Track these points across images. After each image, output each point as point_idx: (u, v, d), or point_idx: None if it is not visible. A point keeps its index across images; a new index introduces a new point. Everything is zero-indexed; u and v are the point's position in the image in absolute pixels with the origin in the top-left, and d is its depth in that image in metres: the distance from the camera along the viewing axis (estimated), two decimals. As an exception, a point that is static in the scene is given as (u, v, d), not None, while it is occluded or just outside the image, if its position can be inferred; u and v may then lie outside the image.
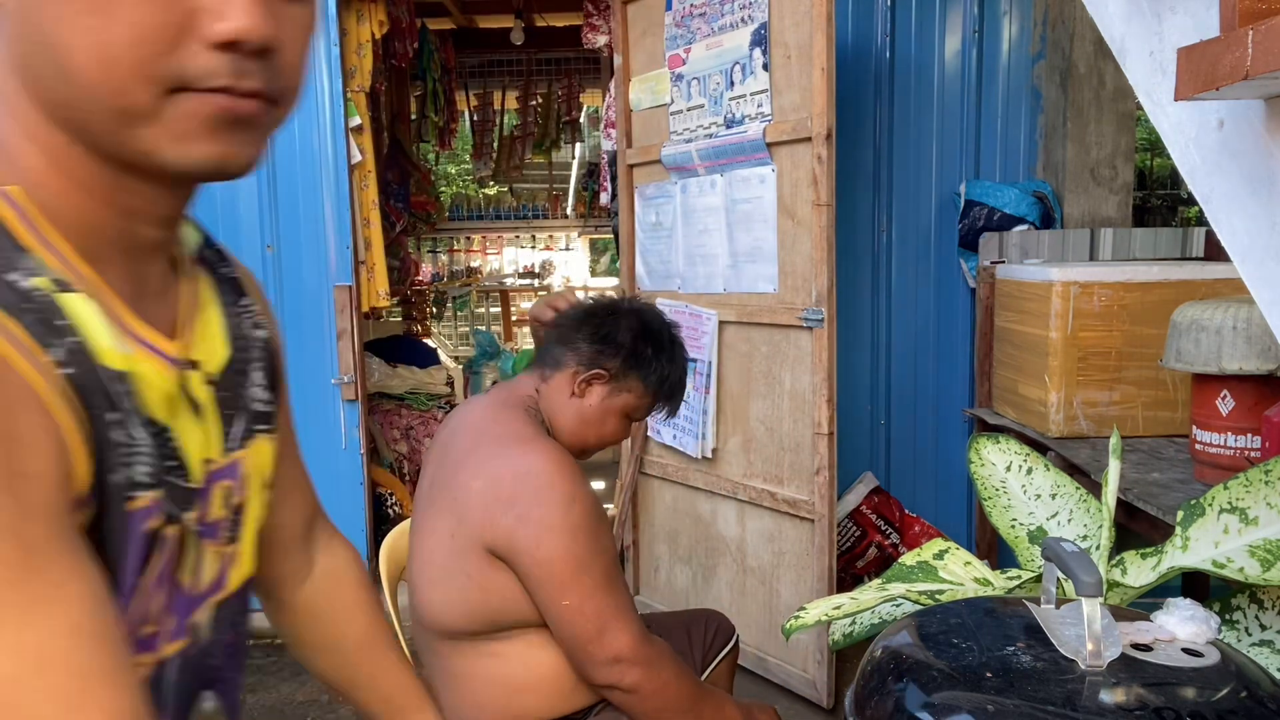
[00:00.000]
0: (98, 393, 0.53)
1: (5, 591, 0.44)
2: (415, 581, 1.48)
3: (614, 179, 3.49)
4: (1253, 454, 1.84)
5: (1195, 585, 2.19)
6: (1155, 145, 6.84)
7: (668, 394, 1.58)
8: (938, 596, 1.41)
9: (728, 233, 2.84)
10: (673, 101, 3.00)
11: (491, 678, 1.43)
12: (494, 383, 5.39)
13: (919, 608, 1.35)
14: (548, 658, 1.41)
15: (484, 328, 7.94)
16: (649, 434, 3.20)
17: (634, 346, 1.52)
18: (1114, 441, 1.48)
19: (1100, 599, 0.99)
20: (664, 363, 1.55)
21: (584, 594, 1.32)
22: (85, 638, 0.46)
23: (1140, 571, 1.40)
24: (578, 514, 1.33)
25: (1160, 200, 6.50)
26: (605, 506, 4.20)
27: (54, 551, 0.46)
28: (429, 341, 5.81)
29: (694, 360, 2.95)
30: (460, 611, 1.41)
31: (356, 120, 3.33)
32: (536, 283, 7.91)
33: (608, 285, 7.96)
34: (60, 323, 0.51)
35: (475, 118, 6.93)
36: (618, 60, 3.23)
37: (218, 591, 0.70)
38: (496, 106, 6.92)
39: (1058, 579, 1.13)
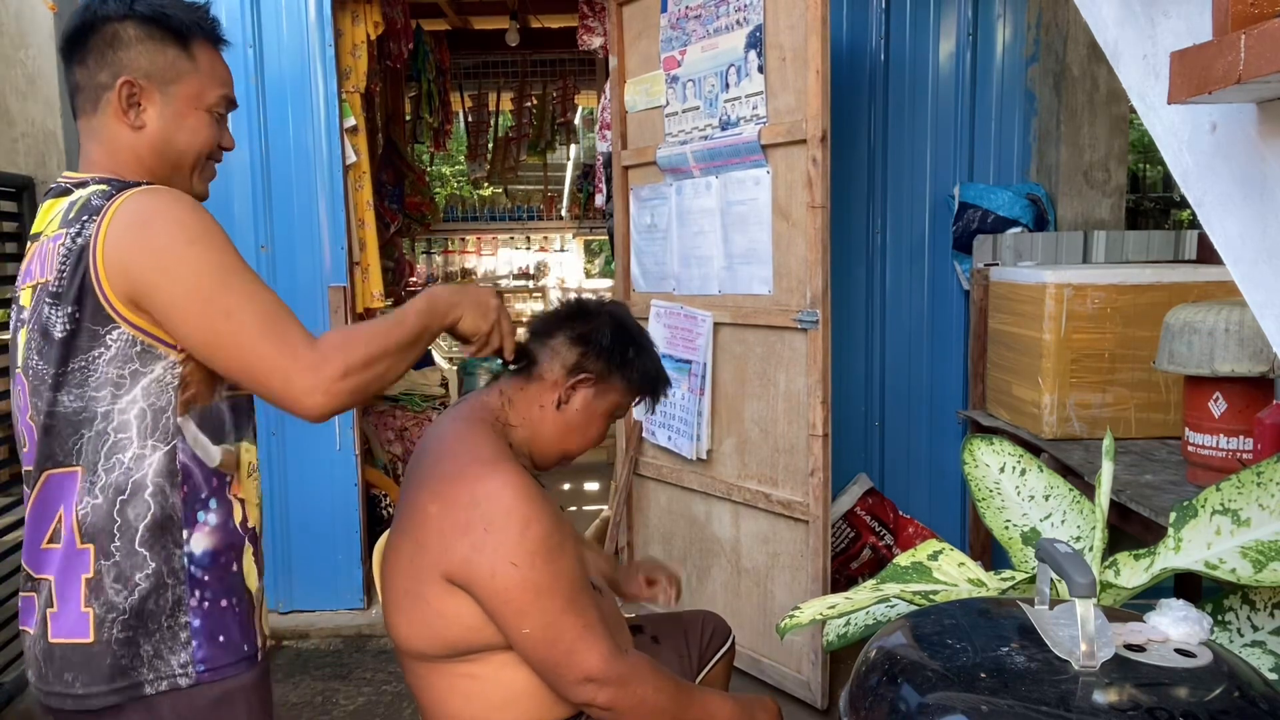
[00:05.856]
0: None
1: (254, 278, 1.26)
2: (384, 604, 1.47)
3: (609, 181, 3.49)
4: (1245, 456, 1.85)
5: (1187, 586, 2.20)
6: (1148, 149, 6.87)
7: (650, 388, 1.56)
8: (932, 597, 1.41)
9: (723, 234, 2.84)
10: (668, 103, 3.00)
11: (470, 696, 1.42)
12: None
13: (913, 608, 1.35)
14: (523, 674, 1.39)
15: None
16: (644, 435, 3.20)
17: (613, 346, 1.50)
18: (1107, 443, 1.49)
19: (1093, 600, 0.99)
20: (644, 359, 1.53)
21: (545, 620, 1.30)
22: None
23: (1133, 573, 1.41)
24: (533, 538, 1.30)
25: (1153, 203, 6.53)
26: (600, 508, 4.20)
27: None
28: (423, 343, 5.77)
29: (689, 362, 2.95)
30: (423, 637, 1.39)
31: (351, 121, 3.33)
32: (531, 284, 7.90)
33: (603, 287, 7.96)
34: None
35: (470, 119, 6.93)
36: (613, 62, 3.24)
37: None
38: (491, 108, 6.91)
39: (1051, 580, 1.14)
